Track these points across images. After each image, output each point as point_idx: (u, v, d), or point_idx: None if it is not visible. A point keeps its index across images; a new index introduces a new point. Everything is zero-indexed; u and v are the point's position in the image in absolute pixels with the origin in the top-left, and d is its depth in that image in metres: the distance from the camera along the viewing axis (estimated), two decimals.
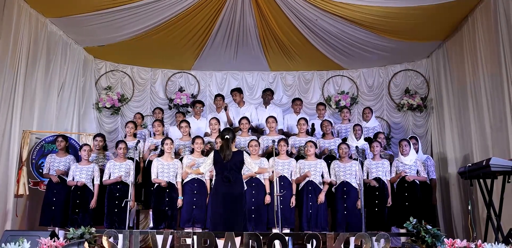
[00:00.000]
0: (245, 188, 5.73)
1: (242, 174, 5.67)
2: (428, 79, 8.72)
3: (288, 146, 6.81)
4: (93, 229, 4.37)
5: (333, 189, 6.66)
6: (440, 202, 7.50)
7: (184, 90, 9.30)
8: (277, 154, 6.69)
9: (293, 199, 6.50)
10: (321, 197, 6.45)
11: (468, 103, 7.10)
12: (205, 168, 5.57)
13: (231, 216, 5.23)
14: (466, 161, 7.18)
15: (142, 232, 4.84)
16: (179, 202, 6.51)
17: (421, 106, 8.60)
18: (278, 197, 6.11)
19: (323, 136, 7.38)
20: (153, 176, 6.60)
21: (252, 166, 5.51)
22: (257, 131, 7.88)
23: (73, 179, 6.74)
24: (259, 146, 6.78)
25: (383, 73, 9.08)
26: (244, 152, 5.57)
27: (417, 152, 6.95)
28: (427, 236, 4.13)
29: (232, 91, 8.10)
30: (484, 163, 4.76)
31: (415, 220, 4.30)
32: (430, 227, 4.26)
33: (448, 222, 7.54)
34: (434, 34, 7.81)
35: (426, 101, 8.64)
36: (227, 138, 5.46)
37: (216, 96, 8.13)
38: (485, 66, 6.60)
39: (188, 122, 7.34)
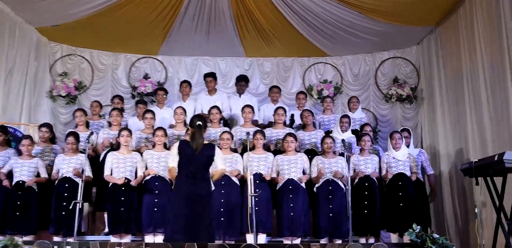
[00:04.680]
0: (213, 188, 4.98)
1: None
2: (418, 68, 8.38)
3: (265, 139, 6.20)
4: (19, 240, 3.56)
5: (314, 188, 6.07)
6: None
7: (150, 77, 8.74)
8: (252, 148, 6.07)
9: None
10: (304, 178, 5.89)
11: (464, 93, 6.69)
12: (174, 161, 4.79)
13: (195, 222, 4.48)
14: (460, 156, 6.80)
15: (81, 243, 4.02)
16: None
17: (410, 97, 8.25)
18: (253, 198, 5.41)
19: (304, 127, 6.84)
20: (106, 173, 5.90)
21: (219, 161, 4.75)
22: (229, 123, 7.29)
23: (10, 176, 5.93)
24: (232, 139, 6.16)
25: (369, 61, 8.71)
26: (217, 147, 4.83)
27: (408, 146, 6.44)
28: (434, 247, 3.45)
29: (207, 76, 7.53)
30: (496, 158, 4.15)
31: (418, 227, 3.64)
32: (437, 236, 3.59)
33: (440, 224, 7.07)
34: (425, 18, 7.39)
35: (416, 92, 8.30)
36: (199, 124, 4.73)
37: (182, 82, 7.62)
38: (484, 53, 6.21)
39: (153, 113, 6.70)
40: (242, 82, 7.58)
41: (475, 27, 6.38)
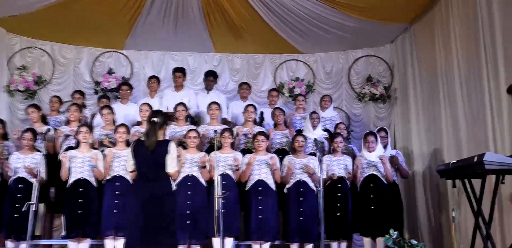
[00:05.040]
0: (174, 188, 4.68)
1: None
2: (392, 67, 8.24)
3: (233, 137, 5.98)
4: None
5: (285, 190, 5.84)
6: (405, 204, 6.75)
7: (114, 72, 8.35)
8: (219, 147, 5.82)
9: None
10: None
11: (439, 93, 6.57)
12: (131, 165, 4.48)
13: (152, 226, 4.17)
14: (434, 157, 6.67)
15: None
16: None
17: (384, 96, 8.10)
18: (220, 199, 5.15)
19: (275, 126, 6.62)
20: (63, 172, 5.59)
21: (171, 161, 4.43)
22: (197, 121, 7.03)
23: None
24: (199, 137, 5.90)
25: (342, 59, 8.53)
26: (172, 142, 4.51)
27: (385, 146, 6.25)
28: None
29: (176, 70, 7.29)
30: (475, 160, 3.95)
31: (396, 233, 3.41)
32: (416, 243, 3.36)
33: (413, 227, 6.91)
34: (400, 15, 7.23)
35: (390, 91, 8.15)
36: (153, 121, 4.41)
37: (151, 77, 7.36)
38: (460, 51, 6.09)
39: (111, 108, 6.41)
40: (210, 77, 7.34)
41: (451, 24, 6.26)
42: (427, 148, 6.91)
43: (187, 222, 5.47)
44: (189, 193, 5.56)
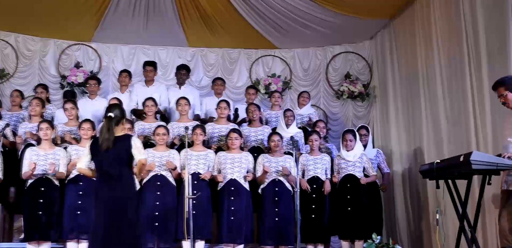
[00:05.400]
0: (137, 188, 4.39)
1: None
2: (371, 64, 8.13)
3: (205, 134, 5.74)
4: None
5: (259, 190, 5.65)
6: (384, 205, 6.61)
7: (82, 66, 8.02)
8: (190, 144, 5.57)
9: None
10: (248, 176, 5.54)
11: (419, 91, 6.44)
12: (84, 162, 4.15)
13: (116, 230, 3.86)
14: (414, 157, 6.55)
15: None
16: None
17: (363, 94, 7.97)
18: (190, 200, 4.92)
19: (249, 123, 6.40)
20: (24, 170, 5.29)
21: (137, 151, 4.10)
22: (168, 117, 6.78)
23: None
24: (168, 134, 5.66)
25: (320, 55, 8.37)
26: (134, 137, 4.20)
27: (366, 145, 6.12)
28: None
29: (147, 64, 7.04)
30: (462, 159, 3.75)
31: (379, 237, 3.18)
32: None
33: (391, 229, 6.80)
34: (380, 10, 7.09)
35: (369, 89, 8.03)
36: (109, 117, 4.07)
37: (122, 72, 7.14)
38: (442, 48, 5.96)
39: (75, 103, 6.14)
40: (183, 70, 7.09)
41: (432, 20, 6.13)
42: (406, 148, 6.80)
43: (155, 224, 5.26)
44: (157, 193, 5.35)
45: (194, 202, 5.03)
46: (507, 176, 3.94)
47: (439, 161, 4.13)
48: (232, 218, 5.37)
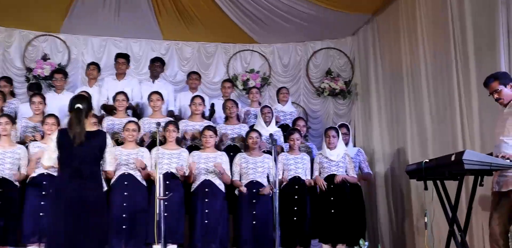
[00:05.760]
0: (105, 188, 4.11)
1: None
2: (353, 60, 8.01)
3: (178, 131, 5.51)
4: None
5: (236, 191, 5.46)
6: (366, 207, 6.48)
7: (49, 59, 7.67)
8: (162, 142, 5.33)
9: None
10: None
11: (403, 89, 6.31)
12: (50, 159, 3.82)
13: (78, 235, 3.56)
14: (397, 157, 6.43)
15: None
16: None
17: (344, 92, 7.83)
18: (162, 202, 4.64)
19: (226, 120, 6.18)
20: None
21: (110, 158, 3.84)
22: (140, 113, 6.52)
23: None
24: (139, 130, 5.42)
25: (301, 51, 8.21)
26: (108, 136, 3.93)
27: (346, 144, 5.95)
28: None
29: (119, 56, 6.79)
30: (453, 158, 3.55)
31: (367, 244, 2.95)
32: None
33: (373, 232, 6.64)
34: (363, 4, 6.94)
35: (350, 86, 7.90)
36: (78, 108, 3.77)
37: (90, 64, 6.82)
38: (427, 44, 5.83)
39: (43, 97, 5.86)
40: (157, 62, 6.86)
41: (418, 16, 5.99)
42: (389, 147, 6.67)
43: (123, 227, 5.01)
44: (126, 194, 5.09)
45: (166, 203, 4.79)
46: (499, 177, 3.78)
47: (427, 160, 3.93)
48: (206, 221, 5.18)
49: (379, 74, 7.09)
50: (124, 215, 5.00)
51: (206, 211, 5.19)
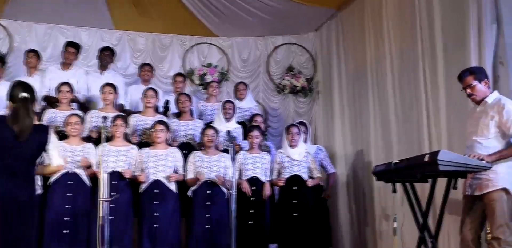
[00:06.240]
0: (39, 191, 3.72)
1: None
2: (315, 57, 7.89)
3: (127, 126, 5.19)
4: None
5: (189, 192, 5.16)
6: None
7: None
8: (109, 138, 5.05)
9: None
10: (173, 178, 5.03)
11: (368, 87, 6.21)
12: None
13: (12, 238, 3.14)
14: (360, 158, 6.33)
15: None
16: None
17: (305, 89, 7.68)
18: (107, 203, 4.33)
19: (179, 116, 5.88)
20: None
21: (55, 153, 3.43)
22: (87, 106, 6.11)
23: None
24: (82, 124, 5.09)
25: (261, 45, 8.04)
26: (51, 130, 3.50)
27: (305, 142, 5.78)
28: None
29: (70, 45, 6.38)
30: (427, 159, 3.32)
31: None
32: None
33: (335, 237, 6.41)
34: None
35: (312, 84, 7.76)
36: (25, 98, 3.33)
37: (28, 51, 6.40)
38: (393, 41, 5.72)
39: None
40: (107, 51, 6.51)
41: (384, 11, 5.87)
42: (352, 148, 6.55)
43: (64, 231, 4.66)
44: (68, 194, 4.74)
45: (112, 205, 4.49)
46: (472, 180, 3.60)
47: (398, 161, 3.69)
48: (156, 225, 4.87)
49: (342, 71, 6.98)
50: (65, 218, 4.67)
51: (156, 214, 4.89)
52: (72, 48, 6.32)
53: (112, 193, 4.44)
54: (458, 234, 3.82)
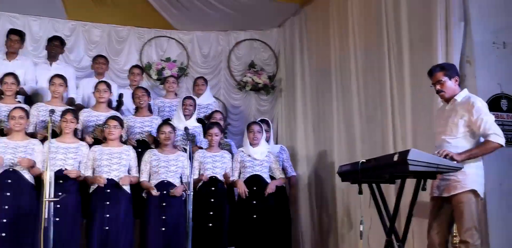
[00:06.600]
0: None
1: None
2: (278, 54, 7.76)
3: (77, 122, 4.87)
4: None
5: (143, 193, 4.91)
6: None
7: None
8: (56, 134, 4.80)
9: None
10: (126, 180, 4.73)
11: (331, 85, 6.11)
12: None
13: None
14: (322, 159, 6.22)
15: None
16: None
17: (268, 87, 7.52)
18: (52, 204, 4.00)
19: (136, 111, 5.61)
20: None
21: None
22: (34, 100, 5.75)
23: None
24: (27, 118, 4.73)
25: (223, 40, 7.84)
26: None
27: (267, 141, 5.58)
28: None
29: (12, 32, 6.00)
30: (396, 158, 3.18)
31: None
32: None
33: (295, 239, 6.25)
34: None
35: (274, 81, 7.63)
36: None
37: None
38: (359, 38, 5.65)
39: None
40: (56, 41, 6.14)
41: (349, 7, 5.79)
42: (314, 148, 6.43)
43: (3, 234, 4.34)
44: (7, 194, 4.41)
45: (58, 206, 4.21)
46: (441, 181, 3.50)
47: (364, 160, 3.54)
48: (107, 227, 4.58)
49: (305, 69, 6.88)
50: (4, 220, 4.33)
51: (107, 215, 4.60)
52: (15, 36, 5.93)
53: (58, 193, 4.13)
54: (423, 237, 3.73)
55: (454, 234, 3.65)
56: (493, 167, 3.78)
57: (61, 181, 4.39)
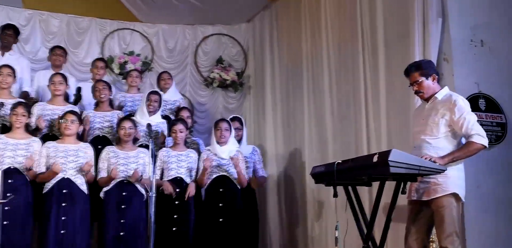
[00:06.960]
0: None
1: None
2: (246, 50, 7.63)
3: (29, 116, 4.60)
4: None
5: (101, 193, 4.66)
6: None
7: None
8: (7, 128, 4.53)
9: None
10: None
11: (303, 83, 6.04)
12: None
13: None
14: (292, 159, 6.15)
15: None
16: None
17: (236, 84, 7.37)
18: (0, 206, 3.80)
19: (96, 106, 5.37)
20: None
21: None
22: None
23: None
24: None
25: (190, 35, 7.63)
26: None
27: (240, 140, 5.41)
28: None
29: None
30: (376, 159, 3.00)
31: None
32: None
33: (263, 242, 6.14)
34: None
35: (243, 78, 7.49)
36: None
37: None
38: (332, 33, 5.58)
39: None
40: (9, 30, 5.87)
41: (322, 2, 5.71)
42: (284, 148, 6.34)
43: None
44: None
45: (7, 208, 3.99)
46: (420, 184, 3.33)
47: (340, 161, 3.35)
48: (63, 231, 4.34)
49: (275, 66, 6.79)
50: None
51: (63, 218, 4.35)
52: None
53: (7, 194, 3.90)
54: (399, 242, 3.58)
55: (431, 239, 3.52)
56: (471, 168, 3.64)
57: (10, 181, 4.12)
